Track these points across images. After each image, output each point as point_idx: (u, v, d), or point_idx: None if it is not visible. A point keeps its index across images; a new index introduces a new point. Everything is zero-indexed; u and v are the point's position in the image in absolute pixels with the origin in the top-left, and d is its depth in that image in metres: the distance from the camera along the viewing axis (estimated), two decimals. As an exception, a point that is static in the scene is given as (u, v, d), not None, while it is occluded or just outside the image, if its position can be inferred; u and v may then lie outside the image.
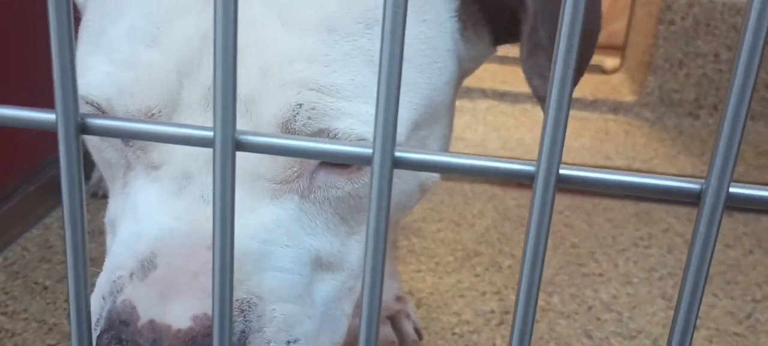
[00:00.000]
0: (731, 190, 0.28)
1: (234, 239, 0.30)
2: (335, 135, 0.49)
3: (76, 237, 0.31)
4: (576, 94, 2.07)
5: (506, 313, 1.09)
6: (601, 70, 2.28)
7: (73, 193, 0.31)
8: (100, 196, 1.33)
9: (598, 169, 0.30)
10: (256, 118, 0.48)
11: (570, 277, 1.20)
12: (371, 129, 0.50)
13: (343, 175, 0.52)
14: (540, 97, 0.55)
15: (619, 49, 2.31)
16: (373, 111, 0.50)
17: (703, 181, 0.29)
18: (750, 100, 0.27)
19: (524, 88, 2.09)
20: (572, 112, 2.03)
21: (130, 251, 0.47)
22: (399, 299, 1.03)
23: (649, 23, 1.99)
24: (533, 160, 0.30)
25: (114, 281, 0.46)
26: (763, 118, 1.98)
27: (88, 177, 1.36)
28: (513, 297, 1.13)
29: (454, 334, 1.03)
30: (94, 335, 0.47)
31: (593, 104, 2.04)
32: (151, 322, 0.45)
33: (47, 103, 0.30)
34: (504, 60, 2.39)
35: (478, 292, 1.14)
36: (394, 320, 0.99)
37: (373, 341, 0.33)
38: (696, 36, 1.93)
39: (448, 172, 0.30)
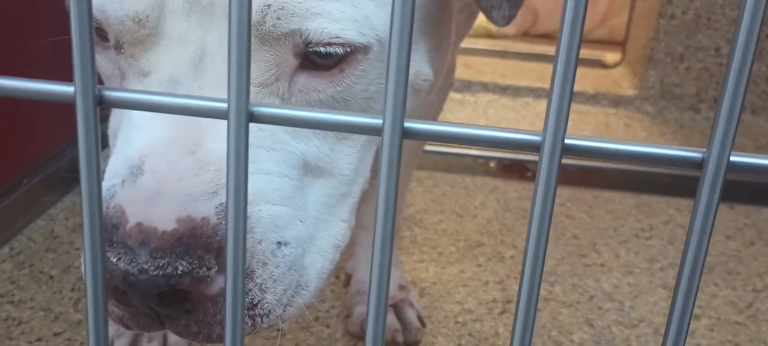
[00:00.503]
0: (732, 159, 0.29)
1: (245, 195, 0.31)
2: (306, 36, 0.48)
3: (92, 207, 0.31)
4: (577, 88, 2.07)
5: (509, 302, 1.10)
6: (602, 65, 2.29)
7: (90, 163, 0.31)
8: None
9: (601, 139, 0.30)
10: (224, 20, 0.48)
11: (572, 267, 1.21)
12: (345, 26, 0.49)
13: (324, 77, 0.52)
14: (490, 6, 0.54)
15: (619, 44, 2.31)
16: (344, 8, 0.49)
17: (705, 150, 0.30)
18: (751, 69, 0.28)
19: (525, 82, 2.11)
20: (573, 106, 2.04)
21: (123, 158, 0.49)
22: (402, 288, 1.04)
23: (649, 17, 2.00)
24: (539, 132, 0.31)
25: (108, 189, 0.48)
26: (764, 112, 1.99)
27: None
28: (515, 287, 1.13)
29: (457, 322, 1.04)
30: None
31: (594, 98, 2.04)
32: (139, 224, 0.46)
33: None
34: (505, 55, 2.40)
35: (481, 281, 1.15)
36: (397, 308, 1.00)
37: (381, 327, 0.33)
38: (697, 30, 1.93)
39: (457, 141, 0.31)
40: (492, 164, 1.60)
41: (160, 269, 0.45)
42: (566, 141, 0.30)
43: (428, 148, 1.62)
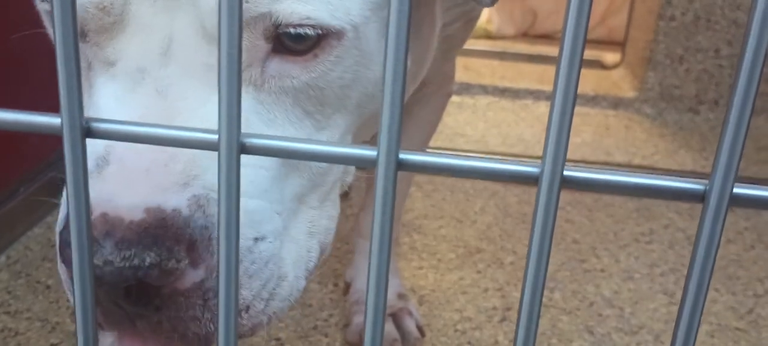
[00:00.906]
0: (735, 190, 0.28)
1: (235, 228, 0.30)
2: (276, 18, 0.47)
3: (81, 239, 0.31)
4: (576, 89, 2.07)
5: (508, 309, 1.09)
6: (602, 66, 2.28)
7: (78, 195, 0.31)
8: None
9: (601, 169, 0.30)
10: (195, 8, 0.47)
11: (571, 273, 1.21)
12: (316, 7, 0.47)
13: (298, 63, 0.50)
14: None
15: (619, 45, 2.31)
16: None
17: (706, 182, 0.29)
18: (754, 101, 0.27)
19: (524, 84, 2.10)
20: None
21: (89, 151, 0.48)
22: (401, 296, 1.03)
23: (649, 19, 1.99)
24: (536, 159, 0.30)
25: None
26: (764, 113, 1.98)
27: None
28: (515, 294, 1.13)
29: (456, 331, 1.04)
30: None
31: (594, 100, 2.04)
32: (104, 215, 0.44)
33: (51, 103, 0.30)
34: (504, 56, 2.39)
35: (480, 289, 1.14)
36: (396, 317, 0.99)
37: (379, 338, 0.33)
38: (696, 31, 1.93)
39: (453, 174, 0.30)
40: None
41: (126, 261, 0.43)
42: (565, 173, 0.29)
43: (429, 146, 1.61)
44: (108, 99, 0.48)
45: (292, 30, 0.48)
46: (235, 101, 0.29)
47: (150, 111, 0.47)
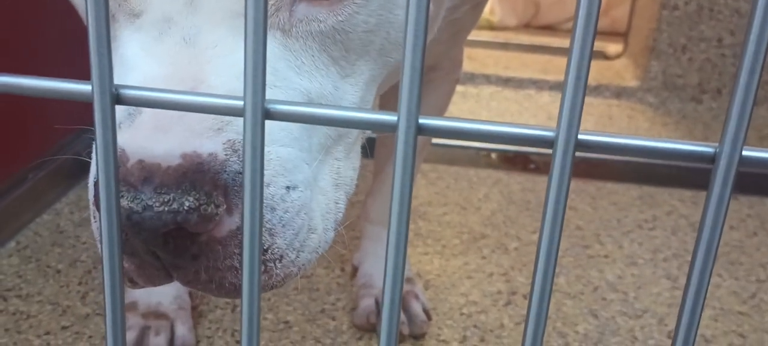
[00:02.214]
0: (744, 153, 0.29)
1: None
2: None
3: (110, 205, 0.32)
4: (579, 79, 2.07)
5: (513, 293, 1.10)
6: (605, 56, 2.29)
7: (108, 163, 0.32)
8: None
9: (614, 134, 0.31)
10: None
11: (576, 258, 1.22)
12: None
13: (325, 6, 0.50)
14: None
15: (621, 36, 2.31)
16: None
17: (716, 144, 0.30)
18: (763, 62, 0.28)
19: (528, 74, 2.11)
20: (576, 98, 2.04)
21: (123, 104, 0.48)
22: (408, 280, 1.04)
23: (652, 8, 2.00)
24: (552, 127, 0.31)
25: None
26: (767, 103, 1.99)
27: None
28: (520, 278, 1.14)
29: (462, 314, 1.05)
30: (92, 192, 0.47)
31: (597, 89, 2.04)
32: (141, 161, 0.44)
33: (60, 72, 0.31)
34: (507, 46, 2.40)
35: (485, 273, 1.15)
36: (403, 300, 1.00)
37: (395, 322, 0.34)
38: (699, 20, 1.93)
39: (470, 138, 0.31)
40: (494, 156, 1.61)
41: (166, 205, 0.43)
42: (580, 136, 0.30)
43: (433, 141, 1.62)
44: (135, 50, 0.48)
45: None
46: (260, 68, 0.30)
47: (178, 60, 0.46)
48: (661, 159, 0.30)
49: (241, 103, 0.31)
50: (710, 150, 0.30)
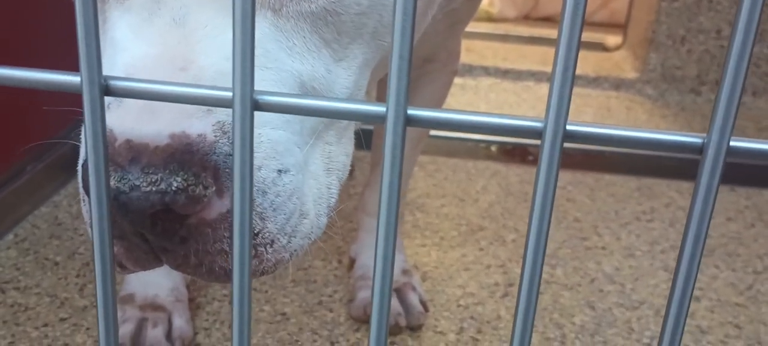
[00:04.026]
0: (732, 143, 0.29)
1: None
2: None
3: (100, 192, 0.32)
4: (578, 71, 2.07)
5: (510, 285, 1.10)
6: (603, 48, 2.29)
7: (98, 153, 0.32)
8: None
9: (603, 125, 0.31)
10: None
11: (573, 250, 1.22)
12: None
13: None
14: None
15: (620, 27, 2.31)
16: None
17: (705, 135, 0.30)
18: (752, 52, 0.28)
19: (526, 65, 2.10)
20: (574, 90, 2.03)
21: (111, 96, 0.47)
22: (405, 272, 1.04)
23: (650, 0, 1.99)
24: (541, 118, 0.31)
25: None
26: (765, 95, 1.99)
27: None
28: (517, 270, 1.14)
29: (459, 306, 1.05)
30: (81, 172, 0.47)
31: (595, 81, 2.04)
32: (128, 141, 0.43)
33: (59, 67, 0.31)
34: (506, 38, 2.39)
35: (483, 265, 1.16)
36: (400, 292, 1.01)
37: (385, 311, 0.34)
38: (698, 12, 1.93)
39: (459, 129, 0.31)
40: (493, 148, 1.61)
41: (153, 185, 0.42)
42: (568, 127, 0.30)
43: (430, 132, 1.62)
44: (124, 31, 0.47)
45: None
46: (248, 59, 0.30)
47: (168, 40, 0.46)
48: (649, 150, 0.30)
49: (230, 94, 0.31)
50: (698, 141, 0.30)
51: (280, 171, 0.48)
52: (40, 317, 0.96)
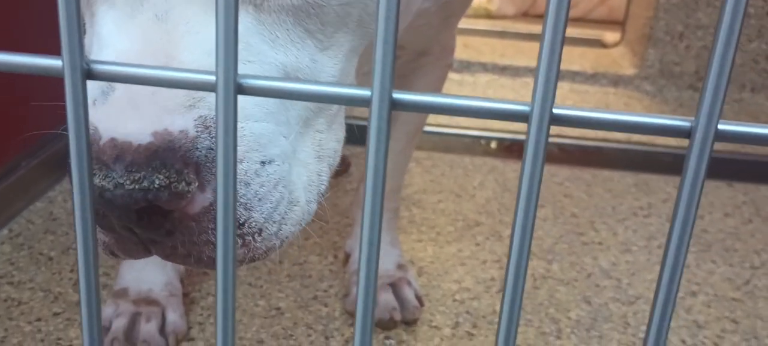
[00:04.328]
0: (720, 127, 0.29)
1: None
2: None
3: (83, 179, 0.31)
4: (576, 67, 2.07)
5: (506, 280, 1.10)
6: (602, 44, 2.28)
7: (80, 138, 0.32)
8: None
9: (590, 109, 0.30)
10: None
11: (570, 245, 1.22)
12: None
13: None
14: None
15: (619, 24, 2.31)
16: None
17: (693, 118, 0.30)
18: (738, 37, 0.28)
19: (524, 62, 2.10)
20: (573, 86, 2.03)
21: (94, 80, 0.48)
22: (400, 266, 1.04)
23: (649, -4, 1.99)
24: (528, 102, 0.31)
25: None
26: (764, 90, 1.99)
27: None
28: (513, 265, 1.14)
29: (454, 300, 1.05)
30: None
31: (594, 77, 2.04)
32: (112, 140, 0.45)
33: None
34: (504, 35, 2.39)
35: (479, 260, 1.15)
36: (395, 287, 1.00)
37: (371, 299, 0.34)
38: (696, 8, 1.93)
39: (444, 112, 0.31)
40: (493, 145, 1.60)
41: (136, 183, 0.44)
42: (555, 110, 0.30)
43: (427, 128, 1.62)
44: (109, 26, 0.48)
45: None
46: (232, 43, 0.30)
47: (150, 36, 0.47)
48: (638, 133, 0.30)
49: (214, 78, 0.31)
50: (686, 124, 0.30)
51: (263, 162, 0.48)
52: (34, 311, 0.96)
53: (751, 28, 1.92)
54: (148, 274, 0.93)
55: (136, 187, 0.44)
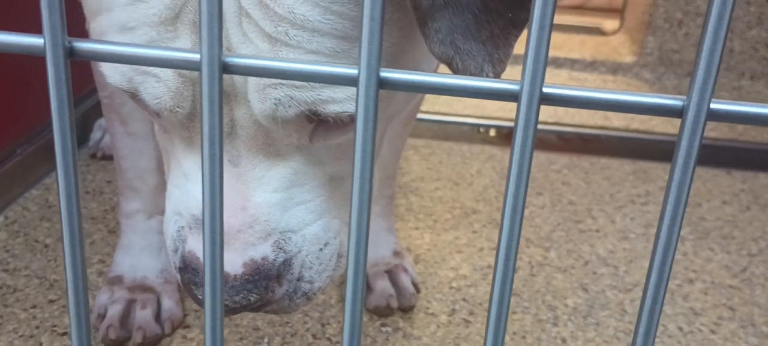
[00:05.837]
0: (712, 106, 0.29)
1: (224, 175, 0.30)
2: (316, 114, 0.53)
3: (67, 159, 0.31)
4: (575, 55, 2.06)
5: (503, 268, 1.10)
6: (601, 32, 2.27)
7: (62, 117, 0.31)
8: (99, 156, 1.34)
9: (580, 88, 0.30)
10: (248, 103, 0.53)
11: (567, 233, 1.21)
12: (347, 106, 0.54)
13: (341, 129, 0.57)
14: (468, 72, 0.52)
15: (618, 11, 2.29)
16: (348, 91, 0.54)
17: (685, 97, 0.29)
18: (730, 17, 0.27)
19: (519, 49, 2.09)
20: (572, 74, 2.02)
21: (184, 205, 0.58)
22: (396, 253, 1.04)
23: (649, -17, 1.98)
24: (518, 80, 0.30)
25: (179, 229, 0.59)
26: (764, 78, 1.98)
27: (86, 139, 1.37)
28: (510, 252, 1.13)
29: (451, 288, 1.04)
30: (172, 259, 0.60)
31: (592, 65, 2.03)
32: None
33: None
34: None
35: (476, 248, 1.15)
36: (392, 274, 1.00)
37: (360, 285, 0.33)
38: (696, -5, 1.92)
39: (435, 91, 0.30)
40: (491, 133, 1.60)
41: (238, 303, 0.57)
42: (544, 89, 0.29)
43: (425, 116, 1.61)
44: (191, 164, 0.58)
45: (331, 120, 0.55)
46: (216, 21, 0.30)
47: (230, 176, 0.57)
48: (629, 112, 0.29)
49: (198, 56, 0.30)
50: (679, 103, 0.29)
51: (321, 249, 0.60)
52: (29, 299, 0.96)
53: (750, 16, 1.91)
54: (143, 261, 0.93)
55: (239, 303, 0.57)
